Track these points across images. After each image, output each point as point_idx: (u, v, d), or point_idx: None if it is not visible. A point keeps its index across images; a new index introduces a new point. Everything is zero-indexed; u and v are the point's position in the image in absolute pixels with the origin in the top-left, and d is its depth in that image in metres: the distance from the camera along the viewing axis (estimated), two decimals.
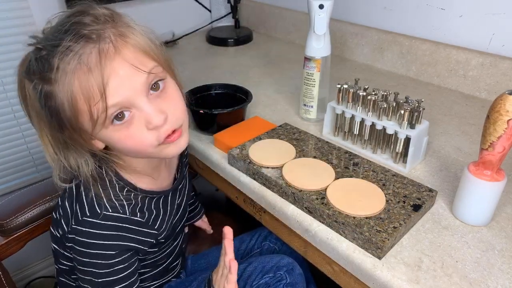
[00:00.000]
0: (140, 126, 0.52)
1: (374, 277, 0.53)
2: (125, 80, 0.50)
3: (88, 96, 0.48)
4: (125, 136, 0.52)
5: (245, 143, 0.76)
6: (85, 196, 0.58)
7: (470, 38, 0.97)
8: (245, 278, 0.73)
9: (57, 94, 0.49)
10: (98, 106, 0.49)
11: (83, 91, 0.48)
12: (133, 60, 0.50)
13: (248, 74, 1.15)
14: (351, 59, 1.23)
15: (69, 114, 0.50)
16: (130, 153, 0.57)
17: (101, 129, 0.51)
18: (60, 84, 0.48)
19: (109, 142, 0.55)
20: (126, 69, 0.50)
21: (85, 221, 0.57)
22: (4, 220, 0.76)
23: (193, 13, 1.52)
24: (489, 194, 0.57)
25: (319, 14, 0.77)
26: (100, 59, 0.48)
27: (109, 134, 0.52)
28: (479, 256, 0.54)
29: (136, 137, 0.52)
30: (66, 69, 0.47)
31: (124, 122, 0.52)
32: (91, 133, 0.52)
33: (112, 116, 0.50)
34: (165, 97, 0.55)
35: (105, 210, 0.57)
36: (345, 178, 0.66)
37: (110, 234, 0.57)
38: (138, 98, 0.51)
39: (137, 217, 0.61)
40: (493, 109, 0.52)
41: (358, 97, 0.73)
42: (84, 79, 0.47)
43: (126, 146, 0.54)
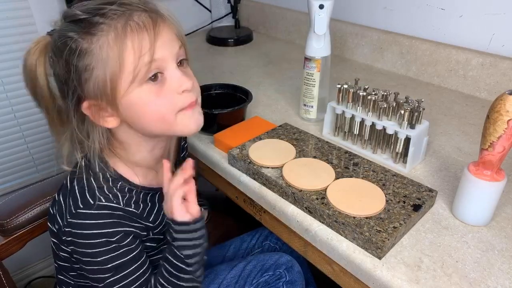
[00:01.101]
0: (170, 89, 0.56)
1: (374, 277, 0.53)
2: (167, 43, 0.55)
3: (138, 47, 0.52)
4: (156, 95, 0.55)
5: (245, 143, 0.76)
6: (77, 189, 0.58)
7: (470, 38, 0.97)
8: (245, 276, 0.73)
9: (98, 50, 0.51)
10: (144, 59, 0.52)
11: (134, 44, 0.52)
12: (172, 31, 0.57)
13: (248, 74, 1.15)
14: (351, 59, 1.23)
15: (111, 68, 0.52)
16: (150, 124, 0.58)
17: (135, 87, 0.54)
18: (107, 38, 0.51)
19: (136, 105, 0.55)
20: (169, 35, 0.56)
21: (79, 214, 0.57)
22: (4, 220, 0.76)
23: (193, 13, 1.52)
24: (489, 194, 0.57)
25: (319, 14, 0.77)
26: (151, 20, 0.53)
27: (140, 94, 0.54)
28: (479, 256, 0.54)
29: (166, 97, 0.56)
30: (116, 25, 0.51)
31: (157, 83, 0.55)
32: (122, 95, 0.54)
33: (151, 72, 0.54)
34: (187, 73, 0.60)
35: (99, 200, 0.57)
36: (345, 178, 0.66)
37: (106, 222, 0.57)
38: (172, 62, 0.56)
39: (131, 208, 0.60)
40: (493, 109, 0.52)
41: (358, 97, 0.73)
42: (137, 33, 0.52)
43: (152, 110, 0.56)
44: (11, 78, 1.18)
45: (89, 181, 0.58)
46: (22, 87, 1.33)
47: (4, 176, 1.28)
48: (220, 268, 0.77)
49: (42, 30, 0.57)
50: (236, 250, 0.91)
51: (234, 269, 0.74)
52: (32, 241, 0.80)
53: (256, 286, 0.73)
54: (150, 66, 0.53)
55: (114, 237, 0.57)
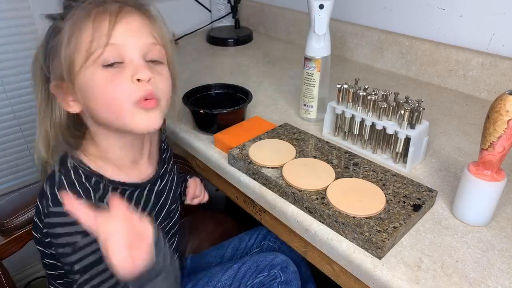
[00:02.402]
0: (125, 76, 0.54)
1: (374, 277, 0.53)
2: (133, 32, 0.54)
3: (96, 29, 0.52)
4: (107, 80, 0.53)
5: (245, 143, 0.76)
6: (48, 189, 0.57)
7: (470, 38, 0.97)
8: (239, 278, 0.73)
9: (65, 28, 0.53)
10: (100, 41, 0.52)
11: (94, 25, 0.52)
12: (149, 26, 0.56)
13: (248, 74, 1.15)
14: (351, 59, 1.23)
15: (71, 46, 0.53)
16: (103, 111, 0.55)
17: (89, 68, 0.53)
18: (74, 18, 0.53)
19: (88, 87, 0.54)
20: (138, 25, 0.55)
21: (51, 213, 0.55)
22: (4, 220, 0.76)
23: (193, 13, 1.52)
24: (489, 194, 0.57)
25: (319, 14, 0.77)
26: (119, 8, 0.54)
27: (93, 76, 0.53)
28: (479, 256, 0.54)
29: (118, 83, 0.53)
30: (86, 7, 0.53)
31: (112, 69, 0.54)
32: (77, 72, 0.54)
33: (105, 56, 0.53)
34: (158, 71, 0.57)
35: None
36: (345, 178, 0.66)
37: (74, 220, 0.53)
38: (135, 51, 0.54)
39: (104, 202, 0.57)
40: (493, 109, 0.52)
41: (358, 97, 0.73)
42: (99, 16, 0.53)
43: (104, 95, 0.54)
44: (11, 78, 1.18)
45: (59, 178, 0.56)
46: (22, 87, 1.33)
47: (4, 176, 1.28)
48: (215, 270, 0.76)
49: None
50: (235, 250, 0.91)
51: (228, 271, 0.74)
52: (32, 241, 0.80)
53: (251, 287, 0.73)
54: (105, 49, 0.52)
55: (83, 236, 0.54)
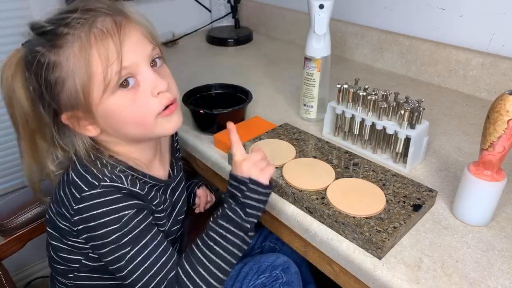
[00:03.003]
0: (145, 93, 0.55)
1: (374, 277, 0.53)
2: (136, 46, 0.54)
3: (105, 57, 0.51)
4: (131, 101, 0.54)
5: (245, 143, 0.76)
6: (76, 176, 0.57)
7: (470, 38, 0.97)
8: (241, 279, 0.73)
9: (67, 61, 0.51)
10: (113, 68, 0.51)
11: (100, 52, 0.50)
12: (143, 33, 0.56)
13: (248, 74, 1.15)
14: (351, 59, 1.23)
15: (81, 80, 0.51)
16: (131, 128, 0.57)
17: (109, 96, 0.53)
18: (73, 49, 0.50)
19: (113, 112, 0.55)
20: (137, 37, 0.54)
21: (85, 197, 0.55)
22: (4, 220, 0.76)
23: (193, 13, 1.52)
24: (489, 194, 0.57)
25: (319, 14, 0.77)
26: (115, 25, 0.52)
27: (115, 101, 0.54)
28: (479, 256, 0.54)
29: (142, 102, 0.55)
30: (80, 34, 0.50)
31: (130, 88, 0.54)
32: (97, 104, 0.53)
33: (121, 79, 0.53)
34: (163, 72, 0.59)
35: (103, 181, 0.55)
36: (345, 178, 0.66)
37: (116, 197, 0.55)
38: (144, 65, 0.55)
39: (136, 188, 0.58)
40: (493, 109, 0.52)
41: (358, 97, 0.73)
42: (102, 41, 0.51)
43: (130, 115, 0.55)
44: None
45: (87, 167, 0.57)
46: None
47: (4, 176, 1.28)
48: None
49: None
50: None
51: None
52: (32, 241, 0.80)
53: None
54: (120, 74, 0.52)
55: (125, 211, 0.56)
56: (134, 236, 0.56)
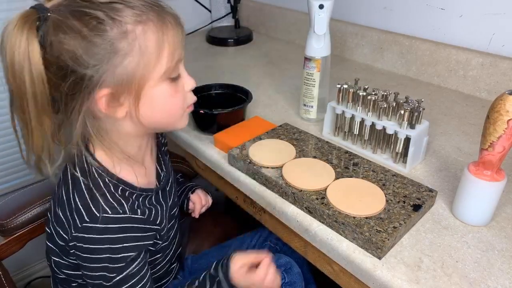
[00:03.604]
0: (183, 88, 0.60)
1: (374, 277, 0.53)
2: (183, 43, 0.57)
3: (174, 46, 0.54)
4: (174, 91, 0.57)
5: (245, 143, 0.76)
6: (80, 202, 0.56)
7: (470, 38, 0.97)
8: None
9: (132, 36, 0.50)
10: (174, 58, 0.55)
11: (172, 40, 0.54)
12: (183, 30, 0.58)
13: (248, 74, 1.15)
14: (351, 59, 1.23)
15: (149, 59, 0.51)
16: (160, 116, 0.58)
17: (160, 83, 0.55)
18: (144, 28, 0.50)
19: (158, 98, 0.56)
20: (184, 35, 0.58)
21: (86, 228, 0.55)
22: (4, 220, 0.76)
23: (193, 13, 1.52)
24: (489, 194, 0.57)
25: (319, 14, 0.77)
26: (177, 23, 0.55)
27: (163, 89, 0.56)
28: (479, 256, 0.54)
29: (181, 94, 0.59)
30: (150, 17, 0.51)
31: (174, 80, 0.57)
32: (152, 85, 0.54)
33: (176, 73, 0.57)
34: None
35: (104, 212, 0.55)
36: (345, 178, 0.66)
37: (114, 237, 0.56)
38: (182, 62, 0.59)
39: (137, 214, 0.59)
40: (493, 109, 0.52)
41: (358, 97, 0.73)
42: (174, 31, 0.54)
43: (168, 104, 0.58)
44: None
45: (90, 190, 0.56)
46: None
47: (4, 176, 1.28)
48: None
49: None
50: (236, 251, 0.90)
51: None
52: (32, 241, 0.80)
53: None
54: (176, 65, 0.56)
55: (119, 254, 0.56)
56: (118, 279, 0.58)
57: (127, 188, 0.60)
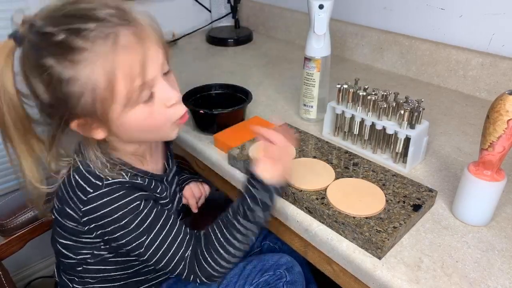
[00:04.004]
0: (160, 104, 0.56)
1: (374, 277, 0.53)
2: (154, 59, 0.54)
3: (129, 74, 0.50)
4: (149, 114, 0.55)
5: (245, 143, 0.76)
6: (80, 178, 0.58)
7: (470, 38, 0.97)
8: (245, 276, 0.73)
9: (86, 77, 0.48)
10: (136, 84, 0.51)
11: (124, 69, 0.50)
12: (155, 40, 0.54)
13: (248, 74, 1.15)
14: (351, 59, 1.23)
15: (101, 96, 0.50)
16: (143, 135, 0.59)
17: (129, 109, 0.53)
18: (94, 65, 0.48)
19: (130, 123, 0.55)
20: (154, 48, 0.54)
21: (92, 198, 0.56)
22: (4, 220, 0.76)
23: (193, 13, 1.52)
24: (489, 194, 0.57)
25: (319, 14, 0.77)
26: (136, 39, 0.51)
27: (135, 115, 0.54)
28: (479, 256, 0.54)
29: (159, 114, 0.56)
30: (100, 50, 0.48)
31: (148, 101, 0.55)
32: (116, 117, 0.53)
33: (143, 97, 0.53)
34: (171, 79, 0.59)
35: (105, 180, 0.57)
36: (345, 178, 0.66)
37: (120, 194, 0.57)
38: (159, 77, 0.55)
39: (138, 180, 0.61)
40: (493, 109, 0.52)
41: (358, 97, 0.73)
42: (128, 60, 0.50)
43: (148, 126, 0.57)
44: None
45: (89, 168, 0.58)
46: None
47: (4, 176, 1.28)
48: None
49: None
50: None
51: (234, 269, 0.74)
52: (32, 241, 0.80)
53: (256, 286, 0.73)
54: (141, 90, 0.52)
55: (134, 203, 0.58)
56: (148, 224, 0.58)
57: (125, 167, 0.61)
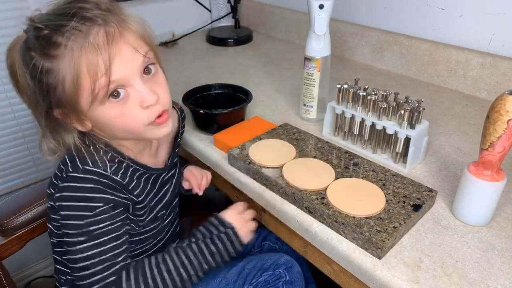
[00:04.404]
0: (134, 105, 0.57)
1: (374, 277, 0.53)
2: (127, 59, 0.55)
3: (94, 72, 0.52)
4: (119, 113, 0.56)
5: (245, 143, 0.76)
6: (68, 158, 0.60)
7: (470, 38, 0.97)
8: (244, 275, 0.73)
9: (58, 70, 0.52)
10: (101, 82, 0.53)
11: (89, 67, 0.52)
12: (133, 43, 0.56)
13: (248, 74, 1.15)
14: (351, 59, 1.23)
15: (69, 90, 0.53)
16: (119, 133, 0.60)
17: (98, 106, 0.55)
18: (65, 60, 0.51)
19: (102, 120, 0.57)
20: (128, 50, 0.55)
21: (68, 177, 0.58)
22: (4, 220, 0.76)
23: (193, 13, 1.52)
24: (489, 194, 0.57)
25: (319, 14, 0.77)
26: (107, 40, 0.52)
27: (104, 111, 0.56)
28: (479, 256, 0.54)
29: (130, 114, 0.57)
30: (72, 47, 0.51)
31: (119, 100, 0.56)
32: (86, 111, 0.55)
33: (110, 92, 0.54)
34: (156, 81, 0.60)
35: (86, 164, 0.58)
36: (345, 178, 0.66)
37: (91, 187, 0.58)
38: (135, 77, 0.56)
39: (117, 177, 0.61)
40: (493, 109, 0.52)
41: (358, 97, 0.73)
42: (92, 56, 0.52)
43: (119, 124, 0.57)
44: None
45: (79, 150, 0.59)
46: None
47: (4, 176, 1.28)
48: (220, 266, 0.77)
49: None
50: None
51: (233, 268, 0.74)
52: (32, 241, 0.80)
53: (256, 285, 0.73)
54: (108, 88, 0.53)
55: (94, 202, 0.58)
56: (96, 230, 0.58)
57: (116, 155, 0.62)
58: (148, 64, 0.58)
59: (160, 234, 0.74)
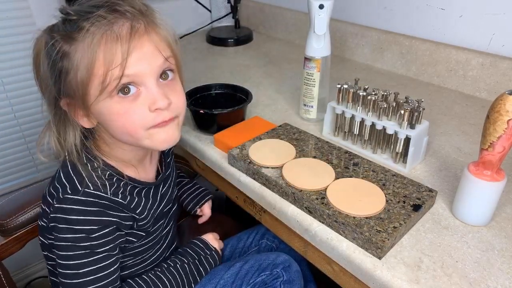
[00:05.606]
0: (142, 105, 0.55)
1: (374, 277, 0.53)
2: (146, 56, 0.54)
3: (109, 60, 0.51)
4: (125, 110, 0.55)
5: (245, 143, 0.76)
6: (64, 176, 0.59)
7: (470, 38, 0.97)
8: (242, 276, 0.73)
9: (75, 53, 0.52)
10: (114, 72, 0.52)
11: (106, 54, 0.51)
12: (157, 43, 0.55)
13: (248, 74, 1.15)
14: (351, 59, 1.23)
15: (82, 76, 0.52)
16: (117, 133, 0.58)
17: (105, 98, 0.53)
18: (84, 44, 0.51)
19: (104, 115, 0.56)
20: (150, 48, 0.54)
21: (67, 199, 0.57)
22: (4, 220, 0.76)
23: (193, 13, 1.52)
24: (489, 194, 0.57)
25: (319, 14, 0.77)
26: (131, 32, 0.52)
27: (109, 105, 0.54)
28: (479, 256, 0.54)
29: (135, 113, 0.55)
30: (94, 31, 0.51)
31: (128, 96, 0.54)
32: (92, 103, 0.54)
33: (120, 86, 0.53)
34: (172, 88, 0.58)
35: (86, 187, 0.57)
36: (345, 178, 0.66)
37: (91, 210, 0.57)
38: (150, 77, 0.55)
39: (118, 198, 0.60)
40: (493, 109, 0.52)
41: (358, 97, 0.73)
42: (111, 44, 0.51)
43: (119, 122, 0.56)
44: (11, 78, 1.18)
45: (77, 169, 0.58)
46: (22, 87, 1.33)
47: (4, 176, 1.28)
48: (217, 268, 0.77)
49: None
50: (233, 249, 0.91)
51: (231, 269, 0.74)
52: (32, 241, 0.80)
53: (253, 286, 0.73)
54: (119, 81, 0.52)
55: (94, 225, 0.57)
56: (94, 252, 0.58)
57: (115, 174, 0.61)
58: (167, 69, 0.57)
59: (159, 242, 0.74)
